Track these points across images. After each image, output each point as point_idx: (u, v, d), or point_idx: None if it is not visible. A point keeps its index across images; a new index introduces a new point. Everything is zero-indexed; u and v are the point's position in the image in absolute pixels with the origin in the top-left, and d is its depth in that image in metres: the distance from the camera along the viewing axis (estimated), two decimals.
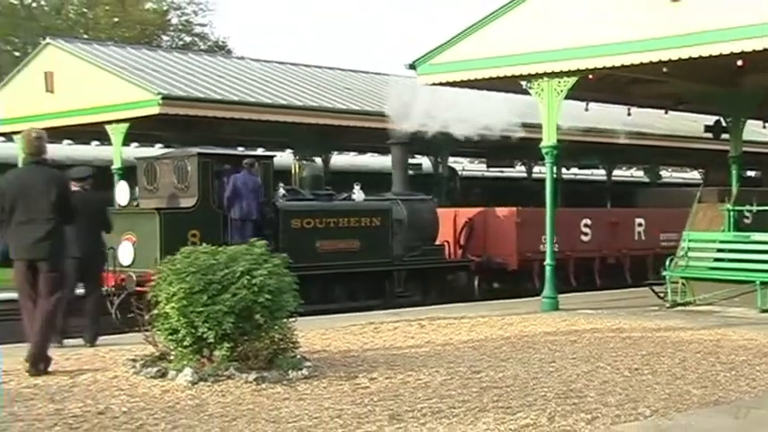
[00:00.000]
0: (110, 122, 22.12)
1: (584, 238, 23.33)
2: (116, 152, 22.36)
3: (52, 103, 23.16)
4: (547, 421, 7.27)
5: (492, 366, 9.85)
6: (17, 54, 43.99)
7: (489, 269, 21.77)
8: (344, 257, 18.50)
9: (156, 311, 9.21)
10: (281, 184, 18.57)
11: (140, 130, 22.82)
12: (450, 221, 21.82)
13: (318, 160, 26.78)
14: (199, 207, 16.80)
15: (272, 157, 18.79)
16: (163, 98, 20.69)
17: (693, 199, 17.69)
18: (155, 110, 20.76)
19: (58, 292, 9.49)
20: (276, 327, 9.26)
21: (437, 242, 21.04)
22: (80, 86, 22.45)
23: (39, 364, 9.18)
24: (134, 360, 9.50)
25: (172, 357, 9.30)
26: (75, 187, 11.03)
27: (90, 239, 11.50)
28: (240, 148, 23.40)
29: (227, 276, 8.97)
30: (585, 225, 23.35)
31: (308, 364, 9.31)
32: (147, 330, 9.61)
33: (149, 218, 16.62)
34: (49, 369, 9.37)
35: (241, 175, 17.13)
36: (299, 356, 9.49)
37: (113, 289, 16.32)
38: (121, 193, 17.67)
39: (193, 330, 8.88)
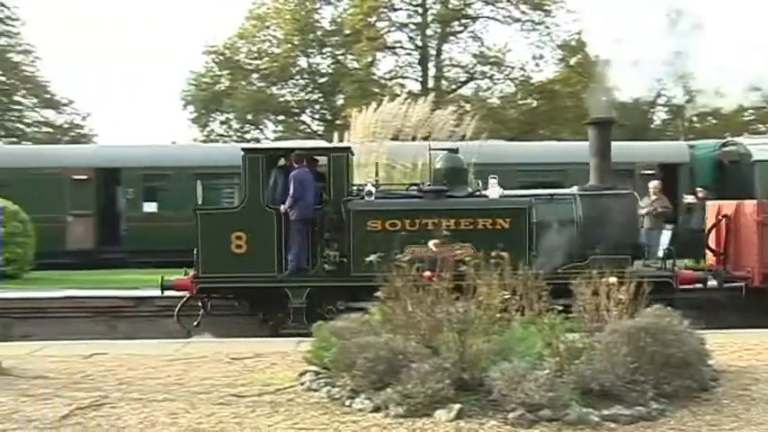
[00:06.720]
0: None
1: None
2: None
3: None
4: None
5: None
6: None
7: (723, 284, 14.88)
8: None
9: None
10: (370, 180, 14.76)
11: None
12: (711, 219, 15.50)
13: None
14: (245, 206, 13.97)
15: (348, 148, 14.69)
16: None
17: None
18: None
19: None
20: None
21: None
22: None
23: None
24: None
25: None
26: None
27: None
28: None
29: None
30: None
31: None
32: None
33: (196, 219, 14.06)
34: None
35: (300, 170, 13.95)
36: None
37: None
38: (198, 191, 15.65)
39: None
